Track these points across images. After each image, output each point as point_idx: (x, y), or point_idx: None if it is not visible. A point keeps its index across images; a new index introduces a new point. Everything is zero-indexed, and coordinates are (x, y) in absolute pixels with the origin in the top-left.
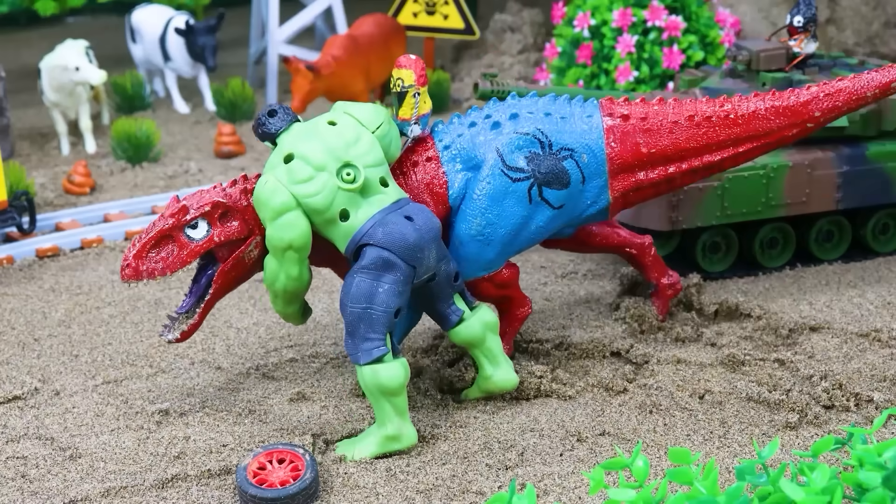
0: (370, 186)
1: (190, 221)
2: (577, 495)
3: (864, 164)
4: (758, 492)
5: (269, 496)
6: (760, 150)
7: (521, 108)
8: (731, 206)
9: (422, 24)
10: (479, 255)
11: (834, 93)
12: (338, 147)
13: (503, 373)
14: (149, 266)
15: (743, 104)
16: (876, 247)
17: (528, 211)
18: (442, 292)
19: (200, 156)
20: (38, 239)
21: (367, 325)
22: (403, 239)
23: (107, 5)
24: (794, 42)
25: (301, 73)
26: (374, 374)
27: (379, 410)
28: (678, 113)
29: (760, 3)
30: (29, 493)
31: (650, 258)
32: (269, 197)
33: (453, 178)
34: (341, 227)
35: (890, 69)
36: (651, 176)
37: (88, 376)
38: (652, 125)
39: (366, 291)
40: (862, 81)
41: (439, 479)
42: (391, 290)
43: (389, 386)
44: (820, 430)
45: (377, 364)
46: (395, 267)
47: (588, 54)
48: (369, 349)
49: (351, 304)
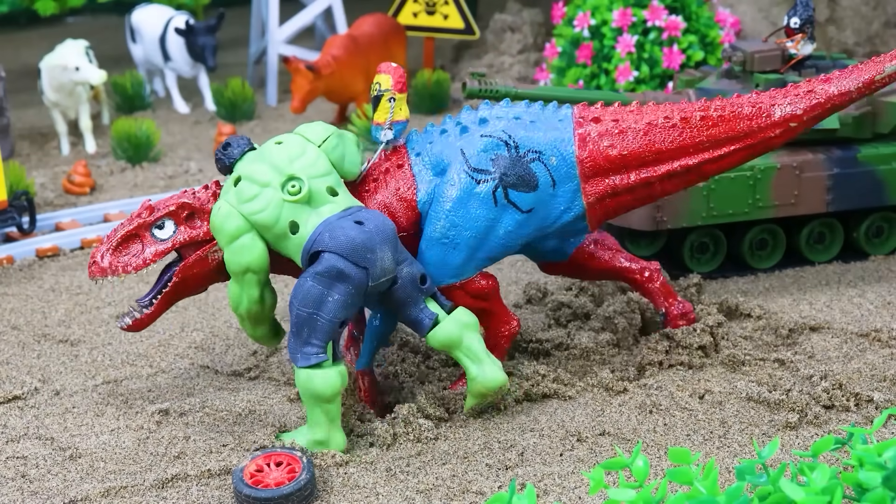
0: (317, 197)
1: (156, 221)
2: (577, 495)
3: (855, 167)
4: (758, 492)
5: (263, 496)
6: (744, 154)
7: (491, 113)
8: (718, 207)
9: (422, 24)
10: (445, 259)
11: (818, 91)
12: (281, 162)
13: (489, 371)
14: (114, 263)
15: (722, 105)
16: (869, 250)
17: (493, 214)
18: (409, 296)
19: (200, 156)
20: (38, 239)
21: (311, 331)
22: (351, 241)
23: (107, 5)
24: (790, 43)
25: (301, 73)
26: (309, 380)
27: (310, 414)
28: (654, 114)
29: (760, 3)
30: (29, 493)
31: (657, 285)
32: (223, 222)
33: (422, 184)
34: (293, 241)
35: (870, 64)
36: (627, 181)
37: (88, 376)
38: (625, 127)
39: (315, 298)
40: (845, 79)
41: (439, 479)
42: (340, 302)
43: (323, 393)
44: (820, 430)
45: (314, 369)
46: (347, 278)
47: (588, 54)
48: (308, 354)
49: (299, 306)
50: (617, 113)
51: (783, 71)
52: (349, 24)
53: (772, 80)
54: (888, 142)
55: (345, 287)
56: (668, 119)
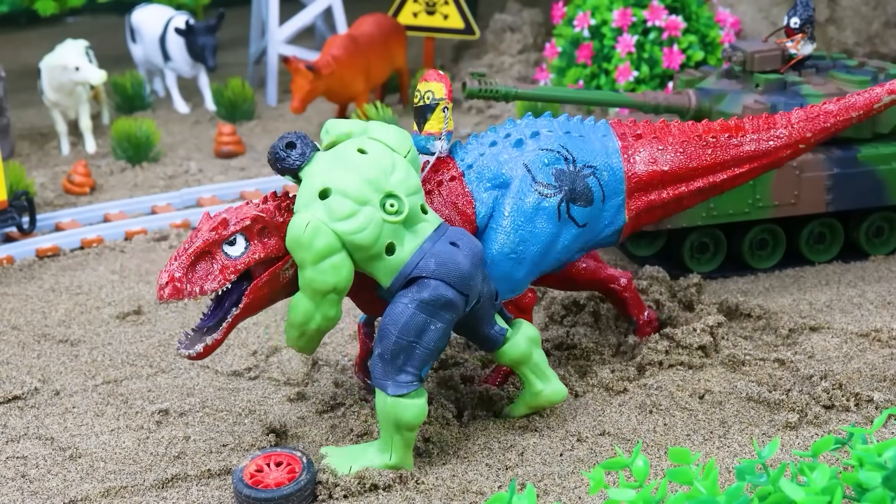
0: (412, 215)
1: (229, 237)
2: (577, 495)
3: (855, 167)
4: (758, 492)
5: (263, 497)
6: (757, 172)
7: (540, 126)
8: (718, 207)
9: (422, 24)
10: (510, 274)
11: (823, 115)
12: (376, 177)
13: (553, 386)
14: (192, 285)
15: (744, 125)
16: (870, 250)
17: (557, 228)
18: (486, 314)
19: (200, 156)
20: (38, 239)
21: (408, 359)
22: (458, 269)
23: (107, 5)
24: (790, 43)
25: (301, 73)
26: (397, 408)
27: (387, 438)
28: (687, 133)
29: (760, 3)
30: (29, 493)
31: (631, 294)
32: (312, 239)
33: (480, 197)
34: (387, 262)
35: (873, 90)
36: (664, 196)
37: (88, 376)
38: (664, 146)
39: (418, 326)
40: (847, 103)
41: (439, 479)
42: (442, 330)
43: (410, 423)
44: (820, 430)
45: (404, 398)
46: (453, 306)
47: (588, 54)
48: (401, 382)
49: (399, 334)
50: (654, 129)
51: (783, 71)
52: (349, 24)
53: (772, 80)
54: (888, 142)
55: (448, 315)
56: (700, 138)
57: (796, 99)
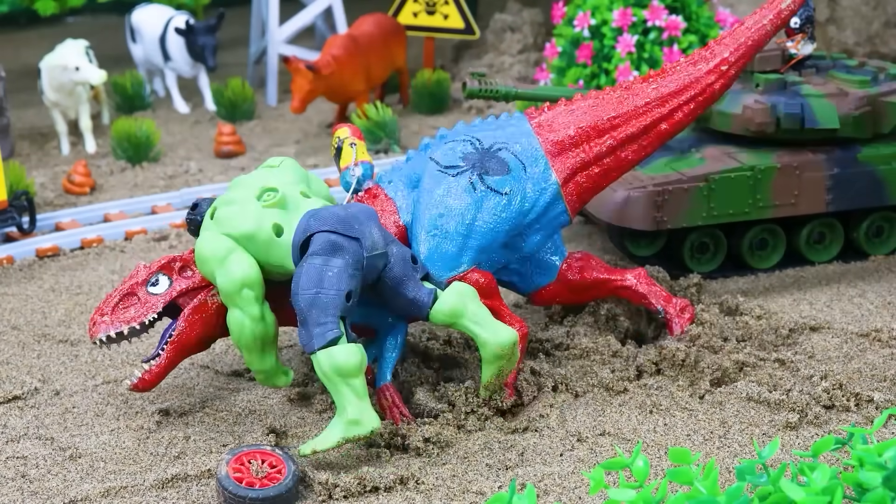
0: (294, 201)
1: (149, 277)
2: (577, 495)
3: (856, 167)
4: (758, 492)
5: (262, 496)
6: (691, 108)
7: (452, 130)
8: (718, 207)
9: (422, 23)
10: (439, 250)
11: (736, 32)
12: (253, 182)
13: (500, 332)
14: (116, 319)
15: (661, 68)
16: (870, 249)
17: (474, 199)
18: (404, 275)
19: (200, 156)
20: (38, 239)
21: (319, 310)
22: (333, 215)
23: (107, 5)
24: (791, 43)
25: (301, 73)
26: (330, 357)
27: (338, 396)
28: (600, 92)
29: (760, 3)
30: (29, 493)
31: (648, 287)
32: (209, 247)
33: (400, 200)
34: (281, 243)
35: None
36: (593, 151)
37: (88, 376)
38: (574, 107)
39: (315, 276)
40: (759, 17)
41: (439, 479)
42: (341, 272)
43: (346, 367)
44: (820, 430)
45: (331, 347)
46: (342, 248)
47: (588, 54)
48: (322, 333)
49: (302, 291)
50: (568, 101)
51: (783, 71)
52: (349, 24)
53: (772, 80)
54: (888, 142)
55: (341, 259)
56: (612, 90)
57: (796, 99)
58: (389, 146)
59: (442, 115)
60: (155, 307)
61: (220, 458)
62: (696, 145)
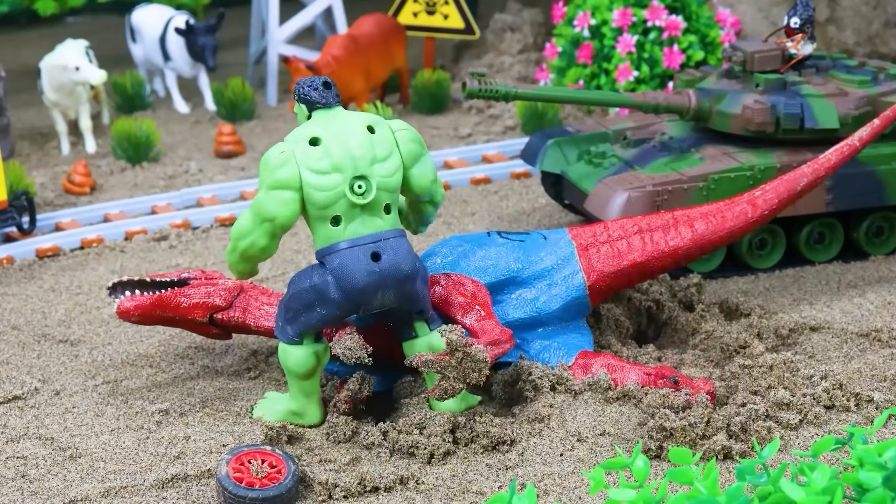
0: (373, 205)
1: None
2: (577, 495)
3: (856, 167)
4: (758, 492)
5: (264, 495)
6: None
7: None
8: None
9: (422, 23)
10: None
11: (771, 190)
12: (361, 156)
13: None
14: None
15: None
16: (870, 250)
17: None
18: (401, 321)
19: (200, 156)
20: (38, 239)
21: (293, 320)
22: (353, 285)
23: (107, 5)
24: (790, 43)
25: (301, 73)
26: (285, 355)
27: (290, 386)
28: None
29: (760, 3)
30: (29, 493)
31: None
32: (277, 166)
33: None
34: (327, 230)
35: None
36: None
37: (88, 376)
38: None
39: (307, 302)
40: (794, 177)
41: (439, 479)
42: (323, 317)
43: (294, 370)
44: (820, 430)
45: (291, 346)
46: (337, 304)
47: (588, 54)
48: (287, 334)
49: (292, 297)
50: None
51: (783, 71)
52: (349, 24)
53: (772, 80)
54: (888, 142)
55: (331, 309)
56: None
57: (796, 99)
58: None
59: (442, 115)
60: (172, 275)
61: (220, 458)
62: (695, 145)
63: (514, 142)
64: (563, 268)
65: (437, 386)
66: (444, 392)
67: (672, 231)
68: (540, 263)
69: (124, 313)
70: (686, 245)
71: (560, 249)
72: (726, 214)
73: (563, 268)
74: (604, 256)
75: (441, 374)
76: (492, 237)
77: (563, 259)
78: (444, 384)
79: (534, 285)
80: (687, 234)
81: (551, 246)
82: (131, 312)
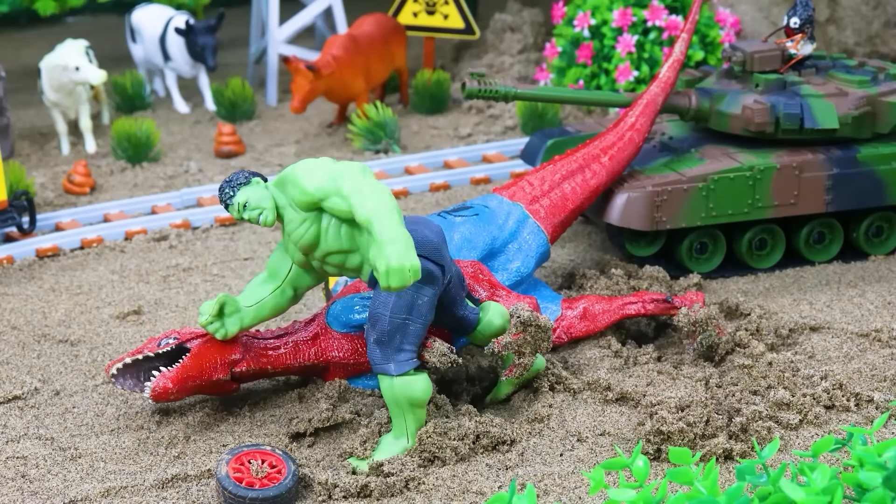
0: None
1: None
2: (577, 495)
3: (855, 167)
4: (758, 492)
5: (266, 495)
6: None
7: None
8: (717, 207)
9: (422, 23)
10: None
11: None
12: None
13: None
14: (128, 355)
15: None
16: (869, 250)
17: None
18: (457, 295)
19: (200, 156)
20: (38, 239)
21: (404, 337)
22: (429, 242)
23: (107, 5)
24: (790, 43)
25: (301, 73)
26: (407, 387)
27: (399, 422)
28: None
29: (760, 3)
30: (29, 493)
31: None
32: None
33: None
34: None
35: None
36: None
37: (88, 376)
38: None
39: (407, 303)
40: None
41: (439, 479)
42: (429, 303)
43: (420, 399)
44: (820, 430)
45: (411, 376)
46: (433, 277)
47: (588, 54)
48: (404, 360)
49: (392, 315)
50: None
51: (783, 71)
52: (349, 24)
53: (771, 80)
54: (888, 142)
55: (432, 288)
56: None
57: (796, 99)
58: (389, 146)
59: (442, 115)
60: (167, 344)
61: (220, 458)
62: (695, 145)
63: (514, 142)
64: (523, 228)
65: (516, 365)
66: (523, 369)
67: (587, 171)
68: (505, 229)
69: (162, 394)
70: (603, 180)
71: (512, 213)
72: (619, 144)
73: (522, 229)
74: (548, 209)
75: (519, 352)
76: (447, 218)
77: (518, 221)
78: (522, 361)
79: (508, 250)
80: (601, 171)
81: (503, 212)
82: (170, 391)
